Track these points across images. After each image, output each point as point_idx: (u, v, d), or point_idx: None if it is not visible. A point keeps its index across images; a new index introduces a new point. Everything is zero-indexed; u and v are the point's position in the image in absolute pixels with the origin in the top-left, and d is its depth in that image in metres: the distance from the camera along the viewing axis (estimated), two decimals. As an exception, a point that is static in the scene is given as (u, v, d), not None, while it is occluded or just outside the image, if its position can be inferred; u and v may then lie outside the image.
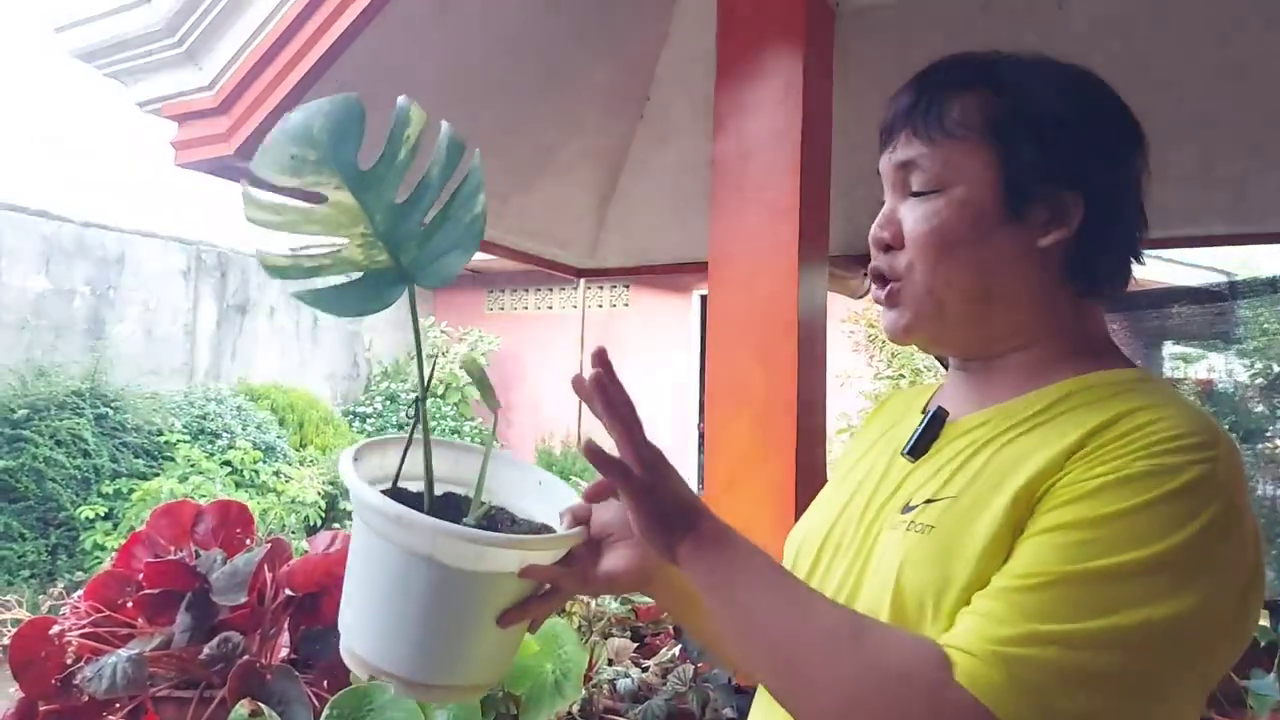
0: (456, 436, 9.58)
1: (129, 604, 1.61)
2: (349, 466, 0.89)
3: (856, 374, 8.32)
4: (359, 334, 10.56)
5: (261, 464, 7.64)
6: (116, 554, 1.73)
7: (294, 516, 7.50)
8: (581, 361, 10.37)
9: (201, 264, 8.98)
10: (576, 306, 10.52)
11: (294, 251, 0.90)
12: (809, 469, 1.97)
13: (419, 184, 0.89)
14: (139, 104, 2.30)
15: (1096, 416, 0.80)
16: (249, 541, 1.73)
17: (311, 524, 7.57)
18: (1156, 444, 0.75)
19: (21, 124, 8.22)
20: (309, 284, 0.89)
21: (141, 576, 1.59)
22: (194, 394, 8.13)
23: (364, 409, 9.86)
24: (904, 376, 8.37)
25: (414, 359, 9.22)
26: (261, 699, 1.45)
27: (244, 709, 1.41)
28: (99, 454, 7.01)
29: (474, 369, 1.03)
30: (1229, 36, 2.31)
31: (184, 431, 7.55)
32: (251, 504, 7.10)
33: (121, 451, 7.18)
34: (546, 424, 10.23)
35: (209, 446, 7.54)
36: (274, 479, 7.64)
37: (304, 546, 2.00)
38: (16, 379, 7.02)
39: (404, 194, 0.90)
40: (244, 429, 7.87)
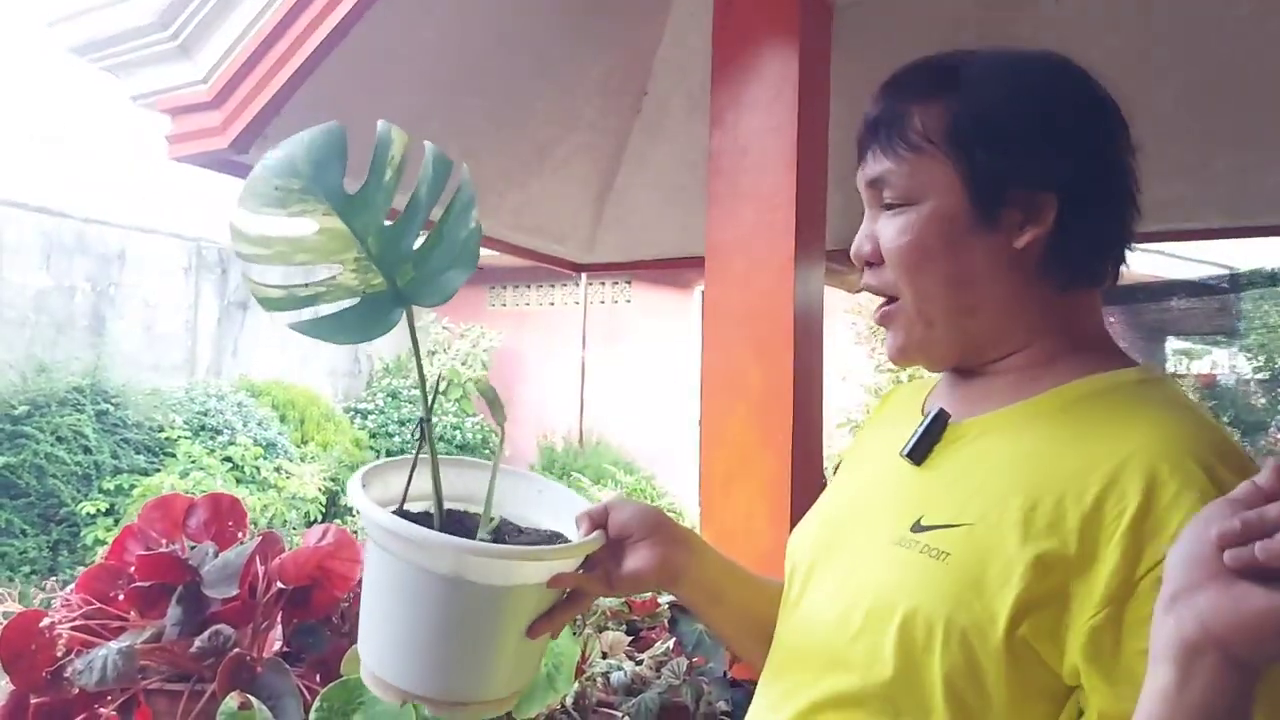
0: (459, 433, 9.60)
1: (120, 597, 1.61)
2: (360, 493, 0.88)
3: (859, 367, 8.32)
4: (360, 330, 10.55)
5: (262, 460, 7.65)
6: (108, 547, 1.73)
7: (295, 512, 7.50)
8: (583, 360, 10.38)
9: (202, 260, 8.99)
10: (579, 303, 10.52)
11: (287, 282, 0.89)
12: (805, 463, 1.97)
13: (409, 204, 0.89)
14: (133, 98, 2.30)
15: (1110, 446, 0.78)
16: (241, 535, 1.72)
17: (312, 520, 7.58)
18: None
19: (21, 120, 8.23)
20: (303, 314, 0.88)
21: (133, 569, 1.59)
22: (195, 390, 8.14)
23: (365, 405, 9.87)
24: (908, 371, 8.36)
25: (415, 357, 9.29)
26: (252, 692, 1.45)
27: (234, 702, 1.41)
28: (100, 450, 7.02)
29: (486, 390, 1.08)
30: (1226, 28, 2.30)
31: (185, 428, 7.56)
32: (252, 500, 7.12)
33: (122, 447, 7.19)
34: (549, 421, 10.23)
35: (210, 443, 7.55)
36: (275, 475, 7.65)
37: (301, 542, 2.00)
38: (18, 375, 7.03)
39: (396, 216, 0.89)
40: (245, 425, 7.87)
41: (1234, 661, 0.58)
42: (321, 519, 7.76)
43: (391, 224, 0.88)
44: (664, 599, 2.15)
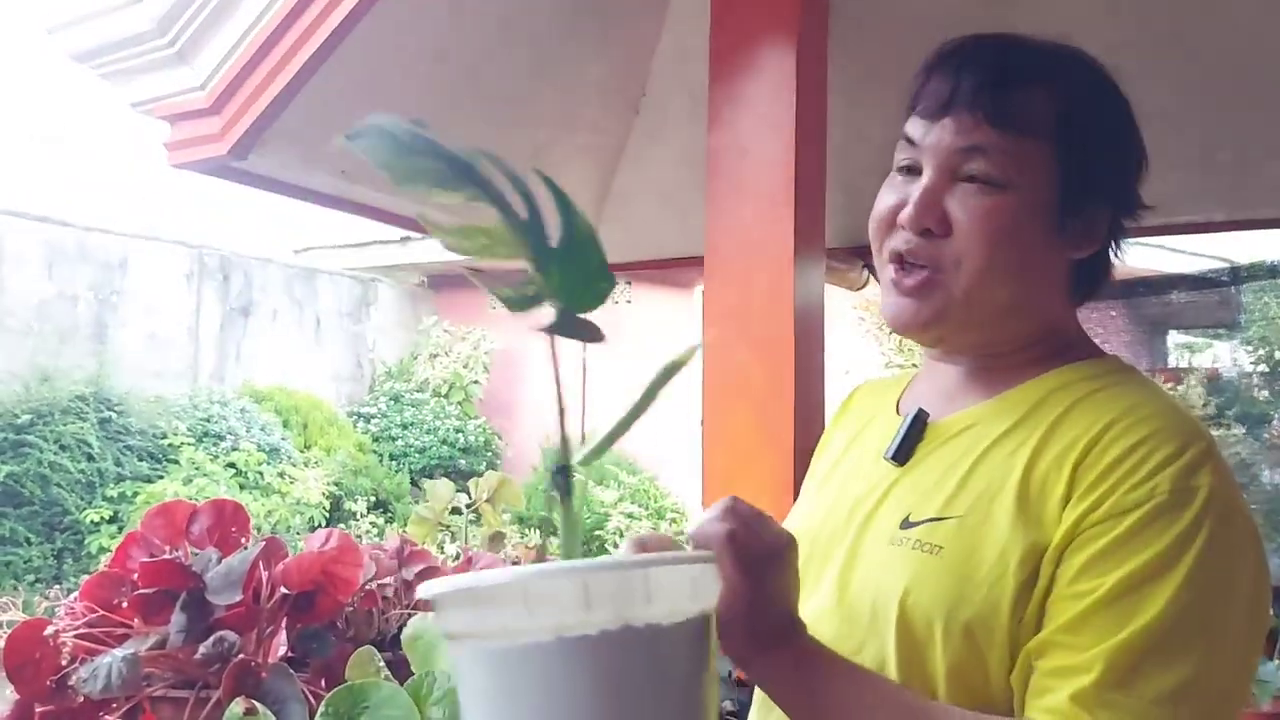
0: (461, 436, 9.59)
1: (124, 604, 1.61)
2: (429, 585, 0.68)
3: (865, 361, 8.31)
4: (362, 335, 10.56)
5: (266, 466, 7.65)
6: (112, 554, 1.73)
7: (299, 518, 7.51)
8: (585, 361, 10.38)
9: (204, 267, 8.99)
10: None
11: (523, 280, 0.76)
12: (807, 461, 1.96)
13: (524, 200, 0.76)
14: (133, 104, 2.30)
15: (1087, 421, 0.80)
16: (244, 540, 1.72)
17: (316, 525, 7.59)
18: (1158, 473, 0.76)
19: (22, 129, 8.24)
20: (536, 312, 0.77)
21: (136, 576, 1.59)
22: (198, 397, 8.14)
23: (368, 409, 9.87)
24: (916, 366, 8.35)
25: (418, 358, 9.10)
26: (257, 698, 1.45)
27: (239, 708, 1.41)
28: (103, 458, 7.03)
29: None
30: (1225, 20, 2.30)
31: (188, 434, 7.57)
32: (256, 506, 7.12)
33: (126, 455, 7.20)
34: (551, 423, 10.22)
35: (213, 449, 7.56)
36: (278, 480, 7.65)
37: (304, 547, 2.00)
38: (20, 384, 7.05)
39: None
40: (248, 431, 7.88)
41: None
42: (325, 524, 7.76)
43: (525, 219, 0.75)
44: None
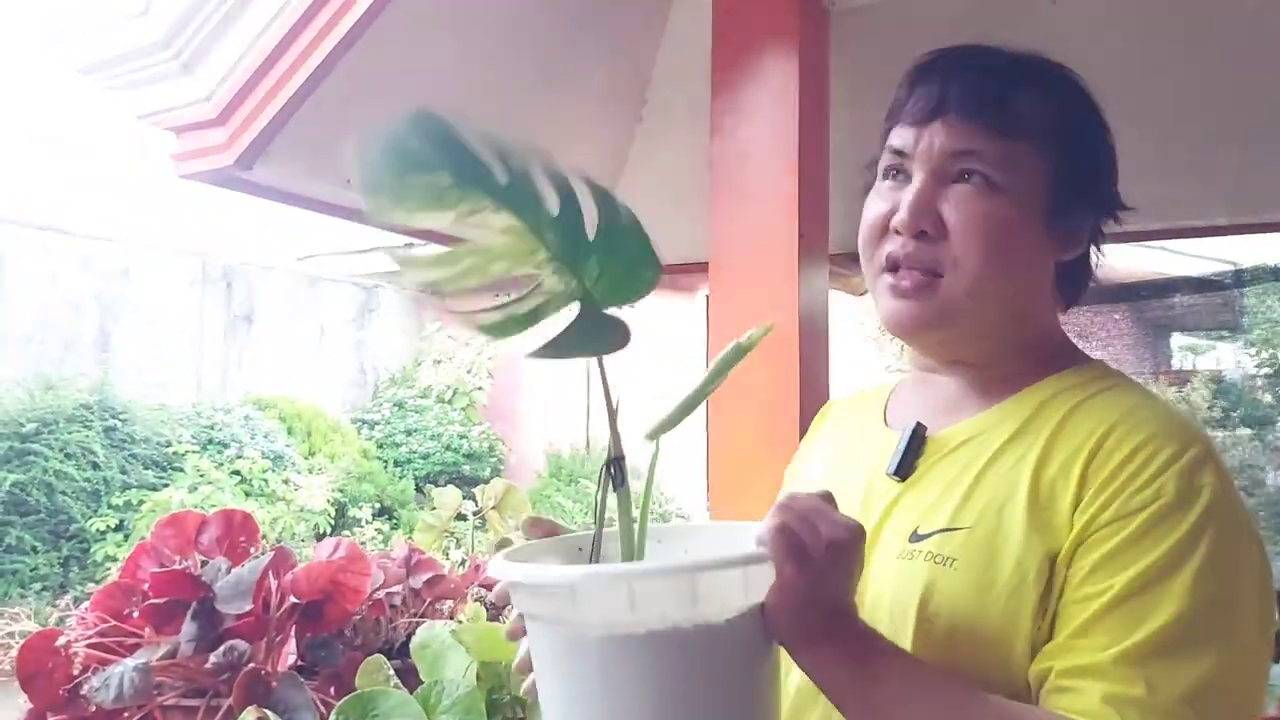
0: (465, 441, 9.59)
1: (135, 614, 1.62)
2: (500, 562, 0.70)
3: (867, 367, 8.32)
4: (365, 342, 10.58)
5: (270, 473, 7.66)
6: (122, 564, 1.74)
7: (303, 525, 7.51)
8: (588, 366, 10.36)
9: (207, 275, 9.01)
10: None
11: (499, 301, 0.75)
12: (812, 467, 1.97)
13: (559, 195, 0.73)
14: (138, 116, 2.31)
15: (1089, 426, 0.81)
16: (253, 550, 1.73)
17: (321, 532, 7.59)
18: (1162, 474, 0.76)
19: (27, 139, 8.27)
20: (525, 334, 0.75)
21: (147, 586, 1.60)
22: (202, 404, 8.15)
23: (371, 416, 9.88)
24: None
25: (421, 365, 9.10)
26: (268, 706, 1.45)
27: (250, 716, 1.41)
28: (108, 466, 7.03)
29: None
30: (1227, 24, 2.30)
31: (192, 442, 7.57)
32: (261, 513, 7.12)
33: (131, 463, 7.20)
34: (555, 428, 10.23)
35: (217, 456, 7.57)
36: (283, 488, 7.66)
37: (312, 555, 2.01)
38: (25, 393, 7.05)
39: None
40: (252, 438, 7.89)
41: None
42: (330, 531, 7.77)
43: (557, 212, 0.72)
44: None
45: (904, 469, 0.90)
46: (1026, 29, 2.39)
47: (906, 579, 0.83)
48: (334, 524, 7.86)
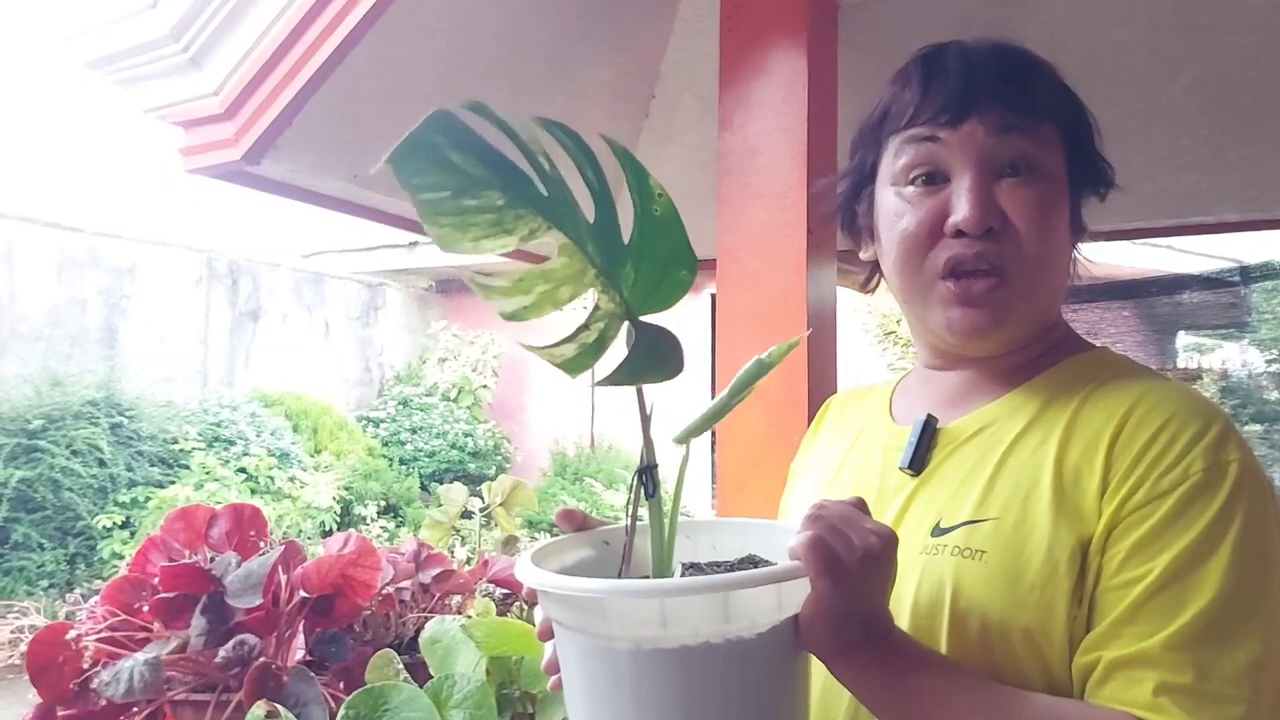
0: (470, 439, 9.60)
1: (145, 608, 1.62)
2: (527, 565, 0.70)
3: (870, 366, 8.32)
4: (371, 339, 10.59)
5: (276, 470, 7.67)
6: (132, 558, 1.74)
7: (309, 522, 7.52)
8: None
9: (213, 272, 9.02)
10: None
11: (569, 332, 0.72)
12: (821, 463, 1.97)
13: (591, 191, 0.70)
14: (146, 110, 2.31)
15: (1107, 410, 0.81)
16: (263, 544, 1.73)
17: (327, 529, 7.60)
18: (1189, 452, 0.76)
19: (33, 136, 8.28)
20: (598, 361, 0.73)
21: (157, 580, 1.60)
22: (208, 401, 8.17)
23: (378, 414, 9.89)
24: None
25: (426, 362, 9.11)
26: (278, 700, 1.45)
27: (260, 710, 1.41)
28: (115, 463, 7.05)
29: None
30: (1236, 19, 2.29)
31: (199, 439, 7.59)
32: (267, 510, 7.13)
33: (137, 460, 7.21)
34: (560, 426, 10.23)
35: (224, 453, 7.58)
36: (289, 485, 7.67)
37: (319, 551, 2.01)
38: (32, 389, 7.07)
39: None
40: (258, 435, 7.90)
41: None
42: (336, 528, 7.78)
43: (594, 220, 0.69)
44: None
45: (917, 463, 0.89)
46: (1035, 24, 2.40)
47: (933, 575, 0.82)
48: (340, 521, 7.87)
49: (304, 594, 1.66)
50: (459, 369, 10.03)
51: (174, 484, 7.15)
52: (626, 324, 0.72)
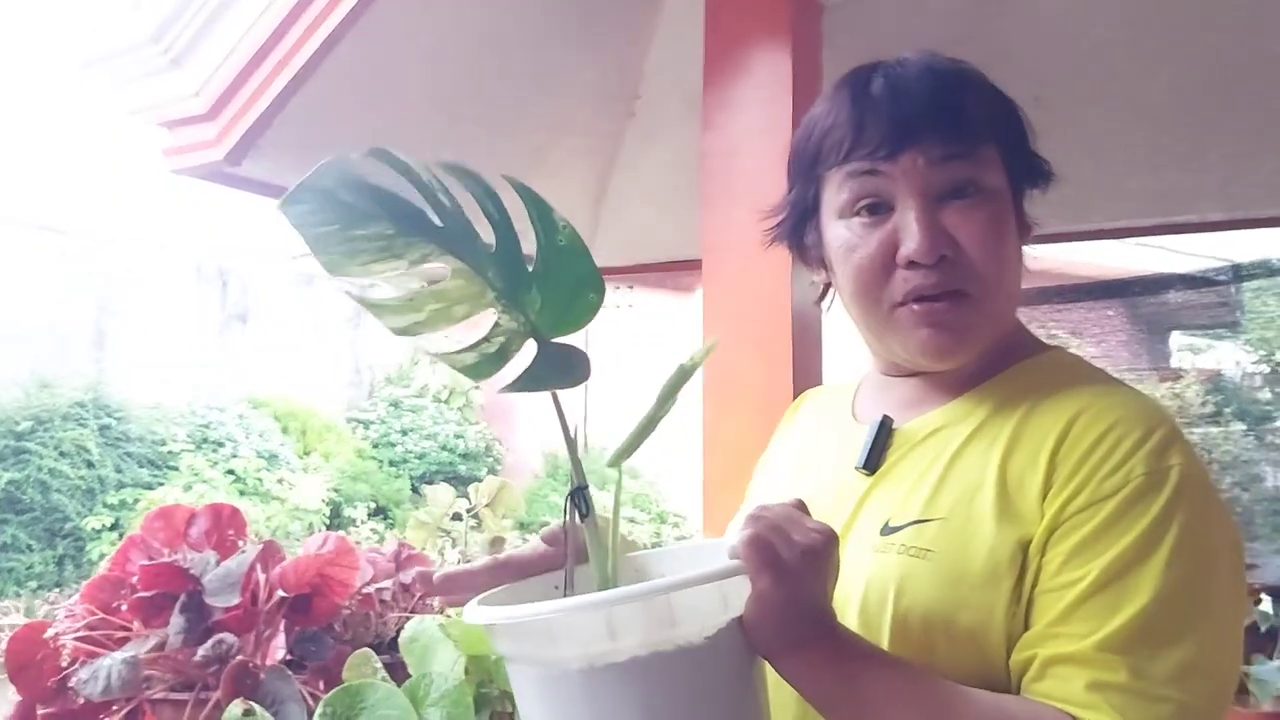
0: (461, 441, 9.58)
1: (124, 607, 1.62)
2: (474, 608, 0.71)
3: (856, 367, 8.32)
4: (360, 341, 10.57)
5: (265, 472, 7.65)
6: (111, 557, 1.73)
7: (298, 524, 7.51)
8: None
9: (202, 274, 9.00)
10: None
11: (469, 343, 0.75)
12: (804, 463, 1.97)
13: (493, 224, 0.73)
14: (131, 112, 2.31)
15: (1055, 413, 0.82)
16: (242, 544, 1.73)
17: (315, 530, 7.59)
18: (1131, 457, 0.77)
19: (21, 138, 8.26)
20: (500, 370, 0.75)
21: (136, 579, 1.60)
22: (196, 403, 8.14)
23: (367, 416, 9.87)
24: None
25: (416, 364, 9.07)
26: (255, 699, 1.45)
27: (238, 709, 1.41)
28: (103, 464, 7.03)
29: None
30: (1216, 17, 2.30)
31: (187, 441, 7.57)
32: (255, 512, 7.12)
33: (125, 462, 7.20)
34: (552, 429, 10.20)
35: (212, 455, 7.56)
36: (278, 487, 7.65)
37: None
38: (20, 391, 7.05)
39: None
40: (247, 437, 7.88)
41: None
42: (326, 530, 7.77)
43: (494, 250, 0.73)
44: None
45: (872, 462, 0.90)
46: (1016, 23, 2.41)
47: (880, 572, 0.83)
48: (329, 523, 7.85)
49: (282, 593, 1.65)
50: (449, 371, 10.00)
51: (162, 485, 7.13)
52: (531, 340, 0.75)
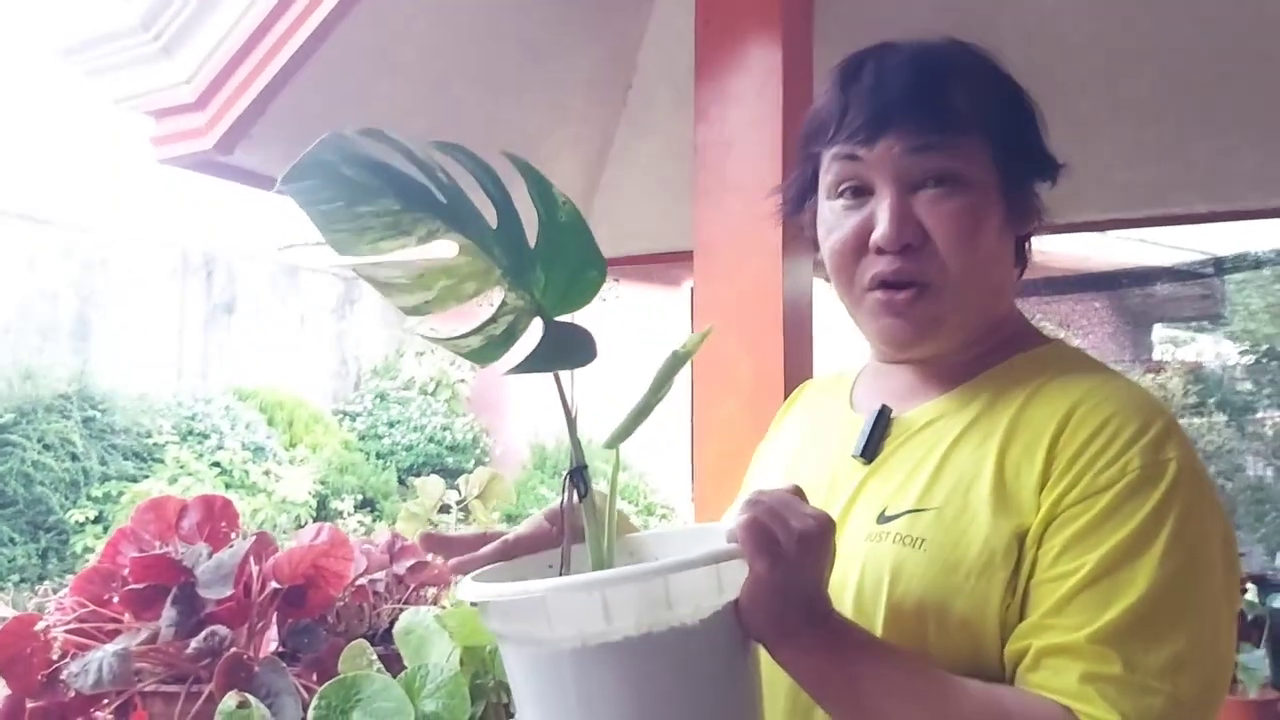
0: (449, 433, 9.56)
1: (115, 599, 1.61)
2: (469, 584, 0.71)
3: (849, 357, 8.35)
4: (347, 332, 10.52)
5: (251, 464, 7.61)
6: (102, 549, 1.72)
7: (285, 516, 7.48)
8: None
9: (187, 264, 8.94)
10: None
11: (475, 325, 0.74)
12: (797, 454, 1.98)
13: (494, 202, 0.73)
14: (117, 100, 2.29)
15: (1052, 406, 0.82)
16: (234, 536, 1.73)
17: (302, 523, 7.55)
18: (1128, 450, 0.77)
19: (3, 126, 8.18)
20: (507, 352, 0.75)
21: (127, 571, 1.59)
22: (182, 395, 8.09)
23: (354, 408, 9.83)
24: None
25: (403, 356, 9.05)
26: (249, 691, 1.45)
27: (232, 701, 1.41)
28: (88, 457, 6.98)
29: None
30: (1201, 10, 2.32)
31: (173, 433, 7.52)
32: (241, 504, 7.08)
33: (110, 454, 7.14)
34: (540, 420, 10.21)
35: (198, 447, 7.51)
36: (264, 479, 7.61)
37: (292, 545, 2.00)
38: (3, 382, 6.99)
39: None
40: (233, 429, 7.84)
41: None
42: (313, 522, 7.74)
43: (497, 227, 0.72)
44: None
45: (869, 451, 0.91)
46: (1006, 15, 2.41)
47: (875, 560, 0.83)
48: (316, 515, 7.82)
49: (275, 585, 1.65)
50: (436, 362, 9.98)
51: (148, 478, 7.09)
52: (538, 319, 0.74)
